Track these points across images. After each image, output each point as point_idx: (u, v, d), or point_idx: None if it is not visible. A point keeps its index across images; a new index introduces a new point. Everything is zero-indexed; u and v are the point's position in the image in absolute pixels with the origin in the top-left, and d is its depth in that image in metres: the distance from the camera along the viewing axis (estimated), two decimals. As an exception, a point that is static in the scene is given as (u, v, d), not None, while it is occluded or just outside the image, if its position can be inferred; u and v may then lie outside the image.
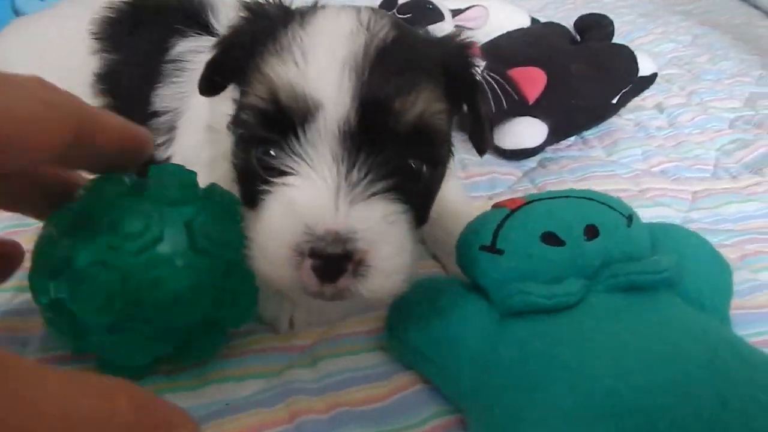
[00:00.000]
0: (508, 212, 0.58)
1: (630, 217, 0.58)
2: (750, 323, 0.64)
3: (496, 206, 0.61)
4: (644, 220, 0.69)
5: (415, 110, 0.47)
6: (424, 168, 0.51)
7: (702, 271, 0.57)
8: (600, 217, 0.56)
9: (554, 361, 0.45)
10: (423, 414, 0.53)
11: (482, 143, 0.61)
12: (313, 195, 0.45)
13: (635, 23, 2.04)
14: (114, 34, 0.80)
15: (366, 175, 0.46)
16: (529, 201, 0.59)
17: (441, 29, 1.40)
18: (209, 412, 0.53)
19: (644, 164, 1.02)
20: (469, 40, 0.59)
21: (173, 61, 0.74)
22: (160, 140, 0.74)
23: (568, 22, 1.94)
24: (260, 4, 0.57)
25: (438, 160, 0.53)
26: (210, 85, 0.57)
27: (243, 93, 0.52)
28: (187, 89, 0.72)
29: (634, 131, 1.14)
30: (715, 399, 0.40)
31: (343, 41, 0.47)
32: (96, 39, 0.80)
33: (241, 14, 0.56)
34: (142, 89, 0.75)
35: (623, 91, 1.04)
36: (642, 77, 1.07)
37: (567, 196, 0.59)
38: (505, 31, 1.56)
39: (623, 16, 2.11)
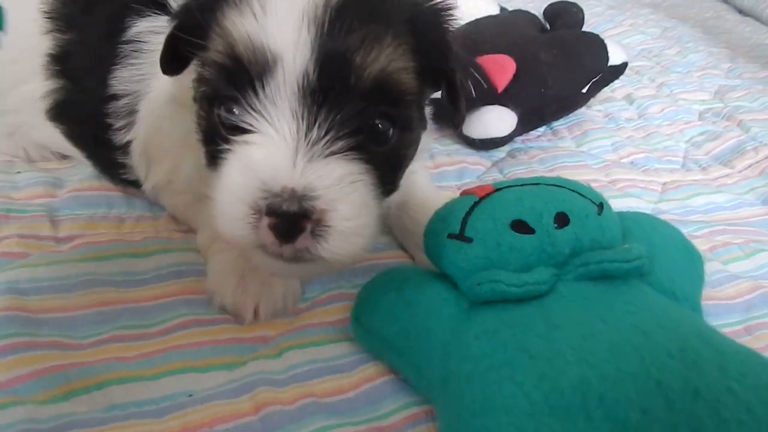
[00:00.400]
0: (476, 199, 0.58)
1: (601, 205, 0.58)
2: (719, 314, 0.65)
3: (464, 193, 0.61)
4: (616, 210, 0.70)
5: (377, 65, 0.47)
6: (392, 130, 0.51)
7: (673, 260, 0.58)
8: (570, 205, 0.56)
9: (523, 351, 0.45)
10: (391, 405, 0.53)
11: (457, 112, 0.59)
12: (270, 152, 0.45)
13: (604, 15, 2.06)
14: (67, 12, 0.77)
15: (327, 132, 0.46)
16: (498, 188, 0.59)
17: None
18: (171, 403, 0.51)
19: (614, 155, 1.03)
20: (446, 3, 0.58)
21: (130, 41, 0.71)
22: (119, 124, 0.72)
23: (538, 12, 1.95)
24: None
25: (406, 123, 0.53)
26: (172, 63, 0.56)
27: (204, 50, 0.51)
28: (146, 71, 0.70)
29: (604, 122, 1.15)
30: (687, 389, 0.40)
31: None
32: (48, 18, 0.76)
33: None
34: (98, 71, 0.72)
35: (593, 80, 1.05)
36: (612, 66, 1.08)
37: (537, 183, 0.59)
38: (471, 19, 1.56)
39: (592, 8, 2.13)
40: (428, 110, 0.64)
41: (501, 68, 0.98)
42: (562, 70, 1.01)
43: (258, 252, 0.47)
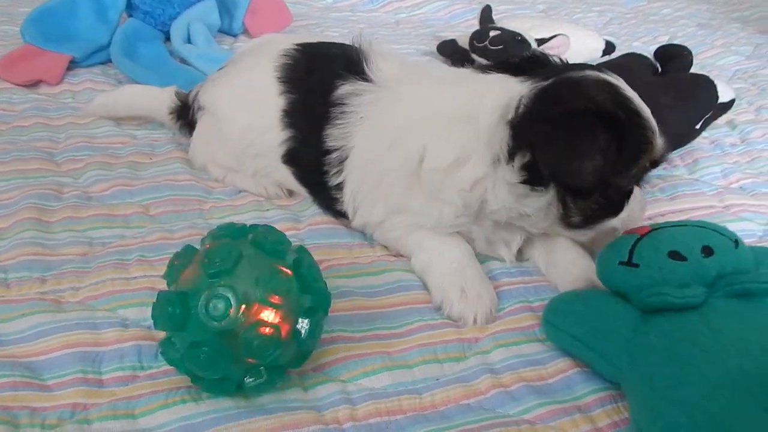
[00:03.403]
0: (638, 236, 0.74)
1: (736, 241, 0.73)
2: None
3: (627, 233, 0.77)
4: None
5: None
6: None
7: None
8: (713, 240, 0.72)
9: (696, 346, 0.62)
10: (584, 390, 0.70)
11: None
12: None
13: (695, 36, 2.10)
14: (293, 77, 0.96)
15: None
16: (655, 228, 0.75)
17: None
18: (425, 385, 0.70)
19: (724, 181, 1.15)
20: None
21: (336, 104, 0.89)
22: (333, 171, 0.90)
23: (632, 37, 2.03)
24: None
25: None
26: None
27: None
28: (348, 130, 0.88)
29: (711, 149, 1.26)
30: None
31: None
32: (281, 82, 0.96)
33: None
34: (316, 128, 0.91)
35: (705, 117, 1.17)
36: (722, 103, 1.19)
37: (685, 225, 0.75)
38: (580, 56, 1.69)
39: (684, 28, 2.17)
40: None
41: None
42: (678, 111, 1.13)
43: None
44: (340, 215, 0.95)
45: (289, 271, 0.63)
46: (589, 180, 0.71)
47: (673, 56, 1.28)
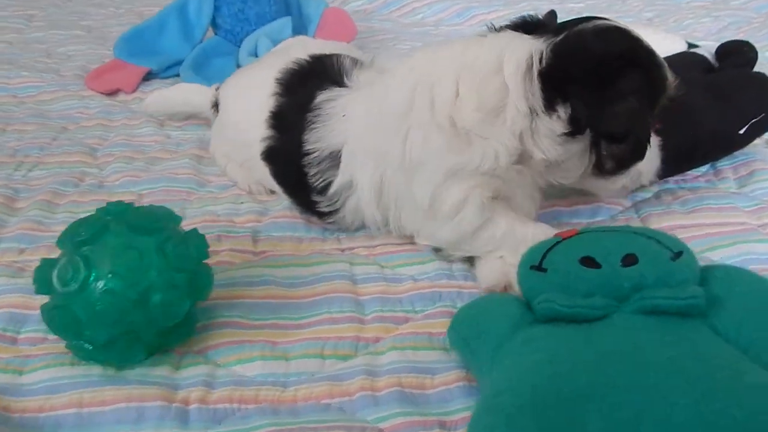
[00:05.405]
0: (559, 239, 0.63)
1: (679, 254, 0.59)
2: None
3: (555, 235, 0.66)
4: (758, 256, 0.75)
5: None
6: None
7: (749, 311, 0.56)
8: (642, 248, 0.59)
9: (547, 353, 0.53)
10: (458, 405, 0.60)
11: None
12: None
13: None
14: (290, 81, 0.96)
15: None
16: (582, 231, 0.64)
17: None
18: (297, 379, 0.65)
19: (779, 197, 0.93)
20: None
21: (314, 109, 0.89)
22: (313, 171, 0.88)
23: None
24: None
25: None
26: None
27: None
28: (322, 134, 0.87)
29: (782, 162, 1.03)
30: (689, 402, 0.45)
31: None
32: (277, 84, 0.97)
33: None
34: (296, 132, 0.90)
35: (752, 121, 0.96)
36: (777, 107, 0.97)
37: (618, 230, 0.63)
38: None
39: None
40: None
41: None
42: (714, 112, 0.95)
43: None
44: (319, 215, 0.91)
45: (149, 248, 0.63)
46: (625, 123, 0.72)
47: (732, 52, 1.08)
